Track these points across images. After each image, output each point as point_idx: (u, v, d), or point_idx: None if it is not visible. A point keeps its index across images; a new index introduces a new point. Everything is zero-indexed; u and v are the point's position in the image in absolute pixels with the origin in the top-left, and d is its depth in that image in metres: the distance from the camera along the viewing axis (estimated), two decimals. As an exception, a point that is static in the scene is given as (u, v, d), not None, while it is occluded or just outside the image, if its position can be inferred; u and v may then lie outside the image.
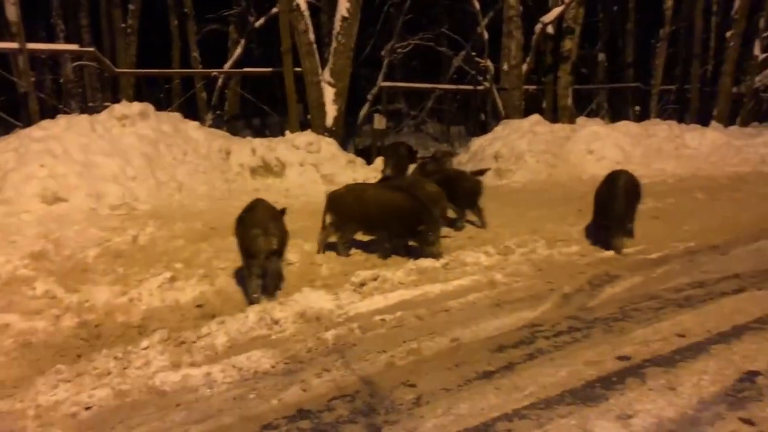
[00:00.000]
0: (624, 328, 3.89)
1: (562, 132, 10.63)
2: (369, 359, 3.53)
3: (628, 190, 5.88)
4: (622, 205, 5.74)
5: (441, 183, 6.42)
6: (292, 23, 10.23)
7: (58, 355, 3.71)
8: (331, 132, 10.57)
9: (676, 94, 17.42)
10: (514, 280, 4.87)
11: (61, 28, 15.04)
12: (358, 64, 13.88)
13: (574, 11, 13.14)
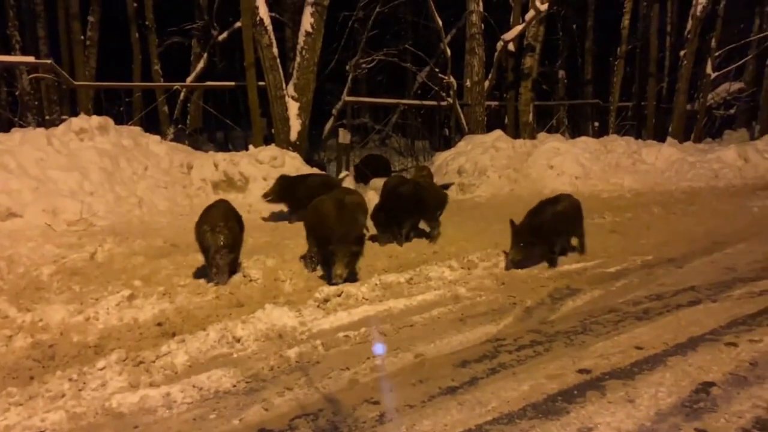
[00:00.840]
0: (584, 342, 3.94)
1: (524, 147, 10.81)
2: (332, 377, 3.50)
3: (557, 214, 5.82)
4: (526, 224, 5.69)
5: (412, 193, 6.68)
6: (255, 37, 10.20)
7: (9, 378, 3.57)
8: (295, 146, 10.53)
9: (634, 110, 17.93)
10: (478, 295, 4.91)
11: (17, 39, 14.67)
12: (323, 79, 13.92)
13: (534, 29, 13.44)
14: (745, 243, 6.43)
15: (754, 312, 4.35)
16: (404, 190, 6.74)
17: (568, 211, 5.97)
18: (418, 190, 6.83)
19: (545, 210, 5.76)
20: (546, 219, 5.65)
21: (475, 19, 12.48)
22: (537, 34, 13.75)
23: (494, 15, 15.19)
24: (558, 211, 5.81)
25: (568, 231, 6.04)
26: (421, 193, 6.81)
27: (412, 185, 6.97)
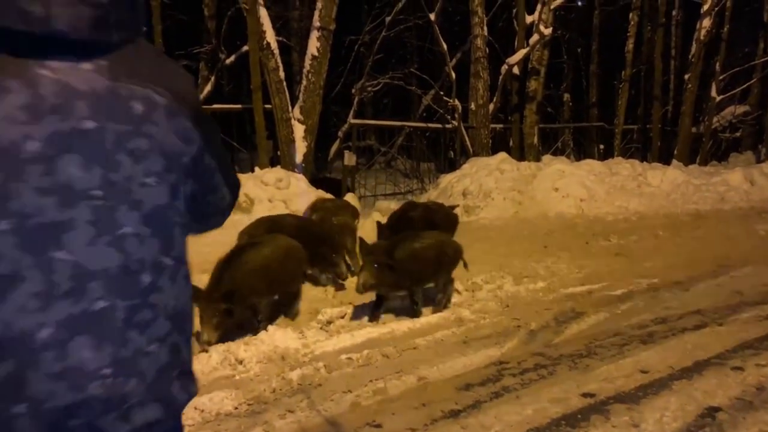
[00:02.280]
0: (589, 365, 3.92)
1: (529, 170, 10.83)
2: (334, 399, 3.49)
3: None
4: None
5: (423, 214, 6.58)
6: (262, 61, 10.32)
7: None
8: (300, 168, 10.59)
9: (639, 133, 17.98)
10: (482, 317, 4.89)
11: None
12: (329, 102, 14.04)
13: (539, 53, 13.55)
14: (752, 266, 6.40)
15: (760, 336, 4.33)
16: (415, 214, 6.63)
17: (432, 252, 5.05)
18: (428, 214, 6.72)
19: (405, 244, 4.93)
20: (404, 255, 4.81)
21: (479, 43, 12.60)
22: (541, 57, 13.85)
23: (499, 39, 15.35)
24: (416, 249, 4.93)
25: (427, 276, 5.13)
26: (432, 217, 6.70)
27: (423, 208, 6.84)
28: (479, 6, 12.52)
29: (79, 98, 1.14)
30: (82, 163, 1.14)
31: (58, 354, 1.12)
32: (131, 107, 1.19)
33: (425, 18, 13.40)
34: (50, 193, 1.11)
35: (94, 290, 1.15)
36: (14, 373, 1.10)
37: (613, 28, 17.93)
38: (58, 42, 1.13)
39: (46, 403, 1.12)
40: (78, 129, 1.13)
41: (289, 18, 16.08)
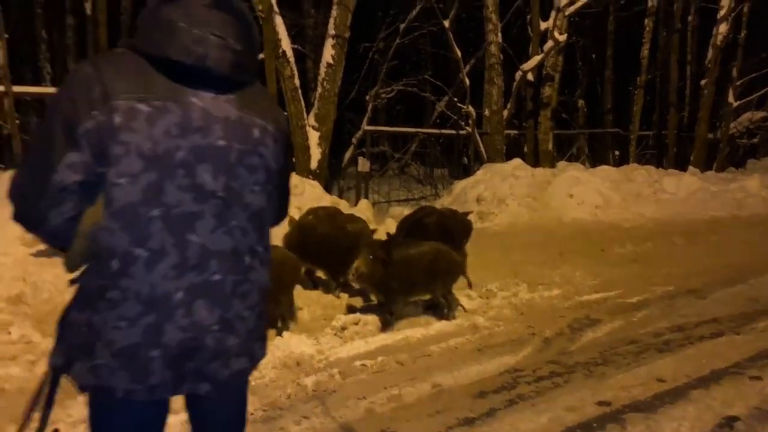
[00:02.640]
0: (604, 373, 3.90)
1: (543, 176, 10.80)
2: (349, 406, 3.50)
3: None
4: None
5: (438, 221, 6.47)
6: (278, 69, 10.40)
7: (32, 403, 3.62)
8: (315, 175, 10.63)
9: (654, 139, 17.86)
10: (496, 324, 4.89)
11: (47, 71, 15.15)
12: (343, 108, 14.10)
13: (553, 59, 13.52)
14: (770, 274, 6.34)
15: (779, 345, 4.28)
16: (430, 221, 6.56)
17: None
18: (443, 220, 6.68)
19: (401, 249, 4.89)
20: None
21: (494, 49, 12.60)
22: (556, 63, 13.82)
23: (513, 45, 15.34)
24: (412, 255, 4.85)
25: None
26: (447, 223, 6.66)
27: (437, 215, 6.75)
28: (493, 13, 12.53)
29: (215, 122, 1.54)
30: (212, 170, 1.53)
31: (185, 312, 1.51)
32: (251, 132, 1.61)
33: (439, 25, 13.43)
34: (189, 190, 1.50)
35: (212, 266, 1.54)
36: (154, 324, 1.48)
37: (628, 34, 17.85)
38: (206, 76, 1.53)
39: (174, 349, 1.50)
40: (213, 145, 1.53)
41: (304, 26, 16.19)
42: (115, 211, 1.44)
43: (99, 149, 1.43)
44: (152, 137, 1.45)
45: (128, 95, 1.45)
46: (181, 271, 1.49)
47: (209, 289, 1.53)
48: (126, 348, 1.46)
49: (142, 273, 1.46)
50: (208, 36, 1.50)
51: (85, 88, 1.45)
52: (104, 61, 1.52)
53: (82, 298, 1.52)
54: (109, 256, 1.45)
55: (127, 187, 1.44)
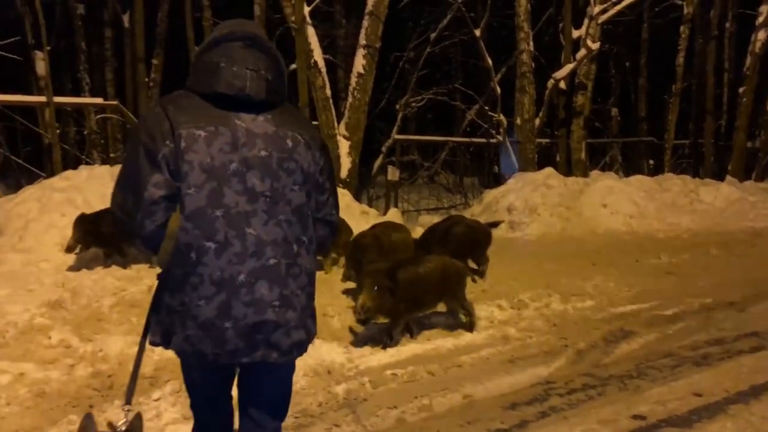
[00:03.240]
0: (639, 387, 3.84)
1: (576, 185, 10.68)
2: (380, 415, 3.51)
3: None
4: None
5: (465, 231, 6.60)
6: (309, 79, 10.52)
7: (70, 406, 3.71)
8: (345, 183, 10.70)
9: (690, 148, 17.49)
10: (528, 336, 4.84)
11: (86, 81, 15.55)
12: (373, 117, 14.17)
13: (585, 67, 13.39)
14: (812, 287, 6.15)
15: (822, 360, 4.15)
16: (458, 230, 6.60)
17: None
18: (471, 230, 6.73)
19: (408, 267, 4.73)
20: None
21: (525, 58, 12.53)
22: (588, 72, 13.68)
23: (544, 53, 15.24)
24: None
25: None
26: (475, 234, 6.71)
27: (464, 225, 6.81)
28: (525, 21, 12.47)
29: (257, 137, 1.99)
30: (259, 176, 1.97)
31: (248, 290, 1.93)
32: (286, 143, 2.03)
33: (470, 34, 13.43)
34: (243, 193, 1.94)
35: (268, 252, 1.96)
36: (225, 301, 1.91)
37: (663, 41, 17.56)
38: (246, 102, 1.98)
39: (242, 321, 1.93)
40: (257, 156, 1.97)
41: (335, 36, 16.35)
42: (188, 214, 1.90)
43: (174, 169, 1.89)
44: (210, 154, 1.91)
45: (188, 125, 1.91)
46: (243, 258, 1.93)
47: (267, 271, 1.96)
48: (206, 321, 1.93)
49: (213, 261, 1.91)
50: (244, 71, 1.97)
51: (157, 124, 1.92)
52: (168, 101, 2.00)
53: (172, 285, 1.97)
54: (188, 249, 1.91)
55: (195, 195, 1.90)
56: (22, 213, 7.48)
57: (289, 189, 2.01)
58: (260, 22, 14.93)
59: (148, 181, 1.89)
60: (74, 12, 15.11)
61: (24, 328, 4.91)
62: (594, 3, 12.28)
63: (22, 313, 5.11)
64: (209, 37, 2.08)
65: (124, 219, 1.96)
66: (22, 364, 4.18)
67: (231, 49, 1.99)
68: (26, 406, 3.64)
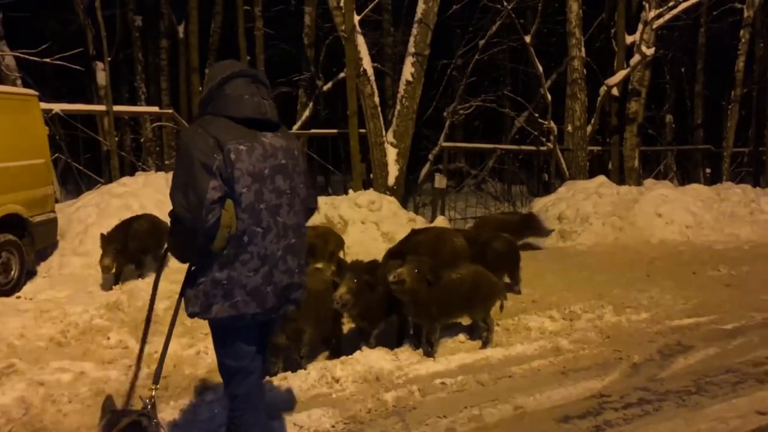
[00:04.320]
0: (699, 403, 3.71)
1: (629, 194, 10.41)
2: (429, 424, 3.49)
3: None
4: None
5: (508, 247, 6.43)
6: (358, 87, 10.60)
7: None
8: (392, 191, 10.72)
9: (750, 156, 16.82)
10: (581, 348, 4.73)
11: (143, 90, 16.08)
12: (420, 125, 14.15)
13: (639, 73, 13.09)
14: None
15: None
16: (498, 245, 6.35)
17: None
18: (511, 244, 6.60)
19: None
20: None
21: (577, 64, 12.33)
22: (642, 78, 13.36)
23: (596, 60, 14.95)
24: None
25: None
26: (514, 248, 6.58)
27: (503, 240, 6.51)
28: (576, 27, 12.28)
29: (278, 150, 2.62)
30: (283, 178, 2.61)
31: (283, 262, 2.60)
32: (293, 152, 2.71)
33: (520, 40, 13.29)
34: (273, 192, 2.57)
35: (290, 234, 2.63)
36: (268, 271, 2.55)
37: (721, 46, 17.00)
38: (264, 124, 2.61)
39: (279, 285, 2.60)
40: (279, 164, 2.61)
41: (384, 44, 16.44)
42: (243, 207, 2.48)
43: (227, 176, 2.44)
44: (252, 163, 2.50)
45: (232, 142, 2.47)
46: (279, 239, 2.58)
47: (291, 247, 2.64)
48: (254, 288, 2.53)
49: (260, 241, 2.52)
50: (261, 100, 2.59)
51: (205, 142, 2.44)
52: (205, 124, 2.52)
53: (222, 262, 2.49)
54: (242, 234, 2.48)
55: (247, 194, 2.49)
56: (82, 218, 7.78)
57: (299, 187, 2.69)
58: (311, 31, 15.19)
59: (207, 187, 2.39)
60: (132, 24, 15.67)
61: (84, 329, 5.10)
62: (649, 8, 11.99)
63: (82, 314, 5.30)
64: (217, 75, 2.61)
65: (189, 217, 2.40)
66: (82, 363, 4.34)
67: (245, 84, 2.58)
68: (87, 404, 3.77)
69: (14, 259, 6.35)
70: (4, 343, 4.78)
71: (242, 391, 2.69)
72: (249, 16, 14.74)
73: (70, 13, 14.52)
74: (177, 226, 2.52)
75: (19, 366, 4.23)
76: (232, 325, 2.57)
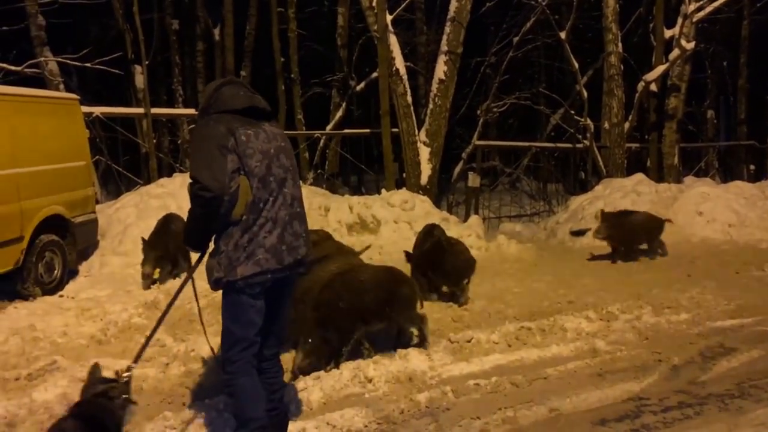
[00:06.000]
0: (742, 407, 3.59)
1: (668, 192, 10.17)
2: (462, 425, 3.46)
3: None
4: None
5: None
6: (391, 87, 10.60)
7: (165, 402, 3.90)
8: (425, 190, 10.68)
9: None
10: (618, 349, 4.63)
11: (180, 93, 16.38)
12: (453, 123, 14.07)
13: (679, 69, 12.76)
14: None
15: None
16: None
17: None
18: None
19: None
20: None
21: (613, 60, 12.09)
22: (682, 73, 13.03)
23: (634, 55, 14.64)
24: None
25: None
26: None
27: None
28: (613, 23, 12.04)
29: (276, 135, 3.12)
30: (285, 156, 3.10)
31: (291, 226, 3.05)
32: (286, 139, 3.20)
33: (554, 36, 13.10)
34: (280, 167, 3.05)
35: (296, 204, 3.11)
36: (280, 233, 2.99)
37: (765, 39, 16.45)
38: (261, 114, 3.10)
39: (290, 245, 3.03)
40: (280, 145, 3.10)
41: (416, 43, 16.40)
42: (258, 178, 2.92)
43: (239, 153, 2.88)
44: (259, 144, 2.96)
45: (241, 128, 2.92)
46: (286, 206, 3.02)
47: (297, 215, 3.10)
48: (271, 246, 2.94)
49: (271, 207, 2.96)
50: (253, 95, 3.08)
51: (218, 130, 2.89)
52: (216, 119, 2.94)
53: (242, 228, 2.89)
54: (258, 201, 2.92)
55: (259, 167, 2.93)
56: (122, 218, 7.97)
57: (295, 166, 3.17)
58: (343, 32, 15.25)
59: (227, 161, 2.84)
60: (170, 28, 15.97)
61: (123, 327, 5.22)
62: (689, 1, 11.68)
63: (121, 312, 5.43)
64: (212, 86, 3.13)
65: (216, 186, 2.78)
66: (121, 361, 4.41)
67: (236, 87, 3.08)
68: (125, 401, 3.84)
69: (57, 259, 6.54)
70: (47, 340, 4.93)
71: (239, 358, 2.97)
72: (283, 18, 14.88)
73: (109, 18, 14.88)
74: (200, 199, 2.82)
75: (62, 363, 4.35)
76: (250, 289, 2.90)
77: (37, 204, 6.22)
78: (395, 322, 4.56)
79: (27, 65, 11.09)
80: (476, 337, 4.82)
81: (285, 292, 3.18)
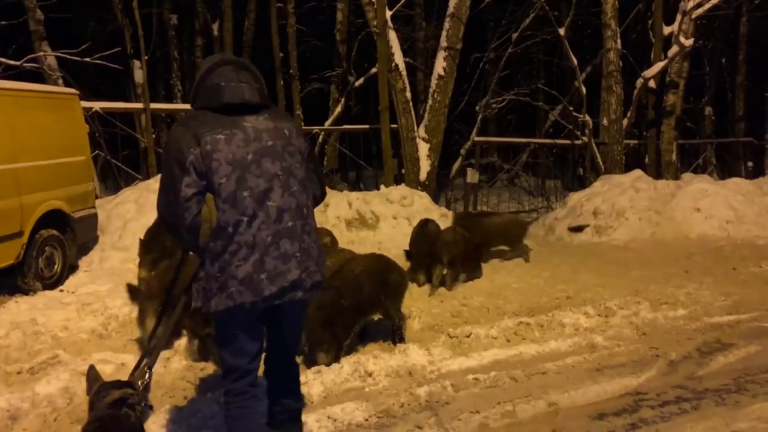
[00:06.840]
0: (739, 402, 3.63)
1: (667, 188, 10.19)
2: (462, 419, 3.49)
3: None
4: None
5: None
6: (390, 82, 10.60)
7: (167, 396, 3.93)
8: (424, 186, 10.71)
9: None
10: (616, 344, 4.67)
11: (179, 88, 16.37)
12: (452, 119, 14.07)
13: (677, 65, 12.78)
14: None
15: None
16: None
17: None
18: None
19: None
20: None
21: (612, 56, 12.11)
22: (681, 70, 13.04)
23: (632, 51, 14.65)
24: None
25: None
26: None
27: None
28: (612, 19, 12.05)
29: (263, 132, 2.59)
30: (271, 160, 2.57)
31: (275, 248, 2.53)
32: (284, 132, 2.67)
33: (554, 33, 13.11)
34: (261, 176, 2.53)
35: (286, 218, 2.57)
36: (259, 259, 2.50)
37: (764, 36, 16.47)
38: (247, 107, 2.59)
39: (273, 272, 2.52)
40: (266, 146, 2.57)
41: (416, 39, 16.40)
42: (224, 198, 2.47)
43: (201, 169, 2.46)
44: (231, 151, 2.49)
45: (209, 132, 2.48)
46: (268, 225, 2.52)
47: (288, 231, 2.57)
48: (245, 276, 2.49)
49: (246, 230, 2.49)
50: (239, 84, 2.57)
51: (183, 138, 2.49)
52: (187, 120, 2.58)
53: (212, 257, 2.51)
54: (226, 225, 2.48)
55: (226, 184, 2.47)
56: (121, 213, 7.97)
57: (294, 167, 2.64)
58: (342, 27, 15.23)
59: (181, 185, 2.45)
60: (168, 22, 15.94)
61: (124, 321, 5.24)
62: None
63: (122, 307, 5.45)
64: (203, 67, 2.66)
65: (170, 216, 2.52)
66: (122, 355, 4.46)
67: (225, 72, 2.60)
68: (127, 395, 3.87)
69: (57, 254, 6.55)
70: (49, 335, 4.95)
71: (234, 387, 2.67)
72: (282, 13, 14.86)
73: (108, 13, 14.85)
74: (164, 226, 2.64)
75: (63, 357, 4.38)
76: (232, 319, 2.55)
77: (37, 199, 6.23)
78: (385, 310, 4.68)
79: (26, 60, 11.06)
80: (475, 332, 4.85)
81: (287, 316, 2.75)
